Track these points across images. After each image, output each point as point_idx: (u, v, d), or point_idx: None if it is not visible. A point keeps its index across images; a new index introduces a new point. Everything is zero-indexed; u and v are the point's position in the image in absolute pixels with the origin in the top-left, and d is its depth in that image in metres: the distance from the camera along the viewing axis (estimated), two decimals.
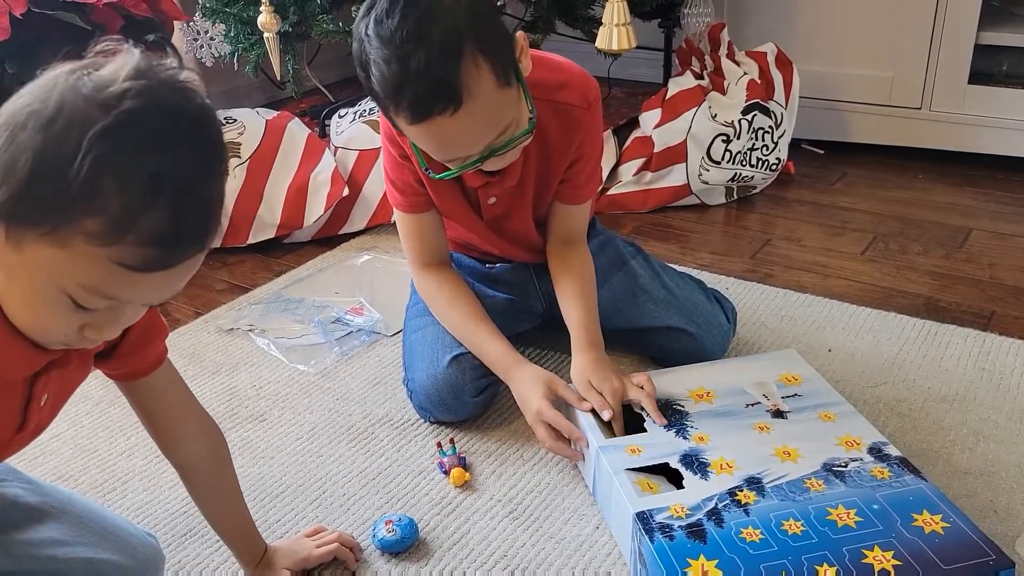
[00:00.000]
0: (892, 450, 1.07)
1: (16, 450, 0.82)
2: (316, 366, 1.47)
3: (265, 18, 1.94)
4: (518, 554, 1.07)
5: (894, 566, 0.90)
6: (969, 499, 1.12)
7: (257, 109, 2.13)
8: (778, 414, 1.15)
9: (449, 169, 1.11)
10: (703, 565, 0.92)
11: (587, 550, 1.07)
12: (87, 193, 0.60)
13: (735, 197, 2.10)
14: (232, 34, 2.12)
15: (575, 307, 1.27)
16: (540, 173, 1.26)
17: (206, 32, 2.25)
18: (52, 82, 0.62)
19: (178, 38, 2.17)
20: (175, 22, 1.93)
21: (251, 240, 1.92)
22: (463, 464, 1.21)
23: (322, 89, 2.53)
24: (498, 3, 2.07)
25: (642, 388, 1.17)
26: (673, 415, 1.16)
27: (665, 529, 0.96)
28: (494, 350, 1.25)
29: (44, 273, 0.64)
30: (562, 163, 1.25)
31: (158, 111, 0.62)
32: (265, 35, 1.96)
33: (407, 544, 1.08)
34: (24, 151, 0.60)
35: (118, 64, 0.63)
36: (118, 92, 0.61)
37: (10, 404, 0.75)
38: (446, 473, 1.20)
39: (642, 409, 1.17)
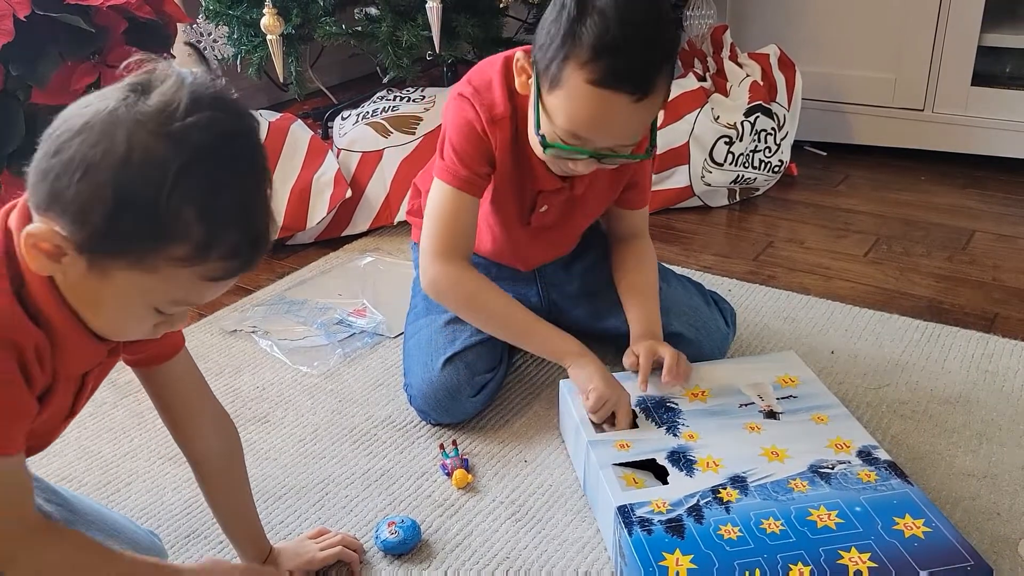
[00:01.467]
0: (882, 454, 1.07)
1: (57, 437, 0.87)
2: (319, 368, 1.48)
3: (268, 20, 1.94)
4: (520, 556, 1.07)
5: (869, 568, 0.90)
6: (972, 501, 1.12)
7: (260, 111, 2.14)
8: (771, 415, 1.15)
9: (564, 145, 1.09)
10: (678, 559, 0.92)
11: (589, 552, 1.07)
12: (171, 225, 0.66)
13: (738, 199, 2.10)
14: (235, 36, 2.13)
15: (633, 303, 1.30)
16: (603, 186, 1.28)
17: (209, 34, 2.26)
18: (111, 117, 0.65)
19: (181, 40, 2.17)
20: (178, 24, 1.94)
21: None
22: (466, 466, 1.21)
23: (325, 91, 2.53)
24: (500, 5, 2.07)
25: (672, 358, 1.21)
26: (666, 412, 1.16)
27: (644, 523, 0.97)
28: (562, 336, 1.23)
29: (135, 294, 0.70)
30: (625, 175, 1.29)
31: (224, 142, 0.67)
32: (268, 37, 1.97)
33: (410, 546, 1.08)
34: (103, 190, 0.64)
35: (169, 89, 0.66)
36: (184, 128, 0.65)
37: (67, 394, 0.80)
38: (449, 475, 1.20)
39: (637, 407, 1.18)
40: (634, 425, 1.16)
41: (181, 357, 0.91)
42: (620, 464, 1.08)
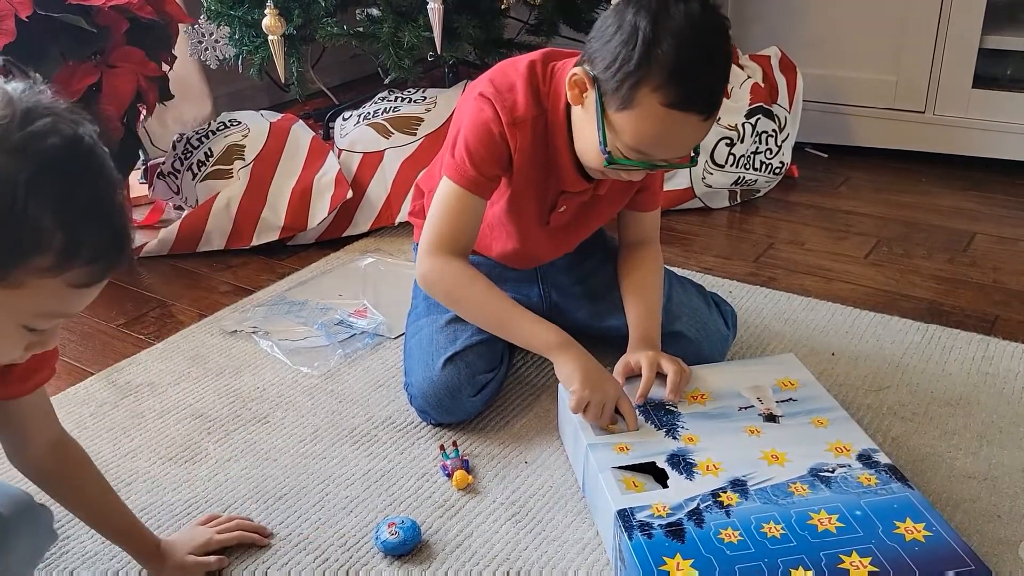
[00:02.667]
0: (882, 457, 1.07)
1: None
2: (319, 368, 1.48)
3: (270, 21, 1.94)
4: (520, 557, 1.07)
5: (870, 572, 0.90)
6: (972, 504, 1.12)
7: (261, 112, 2.14)
8: (770, 418, 1.15)
9: (628, 160, 1.12)
10: (678, 564, 0.92)
11: (589, 553, 1.07)
12: (31, 236, 0.65)
13: (739, 200, 2.10)
14: (237, 36, 2.13)
15: (633, 306, 1.30)
16: (620, 187, 1.29)
17: (211, 34, 2.26)
18: None
19: (182, 40, 2.17)
20: (180, 24, 1.94)
21: (255, 242, 1.92)
22: (466, 467, 1.21)
23: (326, 92, 2.53)
24: (502, 6, 2.07)
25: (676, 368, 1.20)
26: (665, 415, 1.16)
27: (645, 527, 0.97)
28: (542, 326, 1.22)
29: (1, 314, 0.69)
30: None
31: (67, 147, 0.66)
32: (270, 38, 1.97)
33: (410, 546, 1.08)
34: None
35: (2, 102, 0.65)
36: (24, 139, 0.64)
37: None
38: (449, 476, 1.20)
39: (636, 408, 1.18)
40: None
41: (35, 393, 0.90)
42: (619, 467, 1.08)
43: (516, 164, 1.22)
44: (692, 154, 1.16)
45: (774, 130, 2.07)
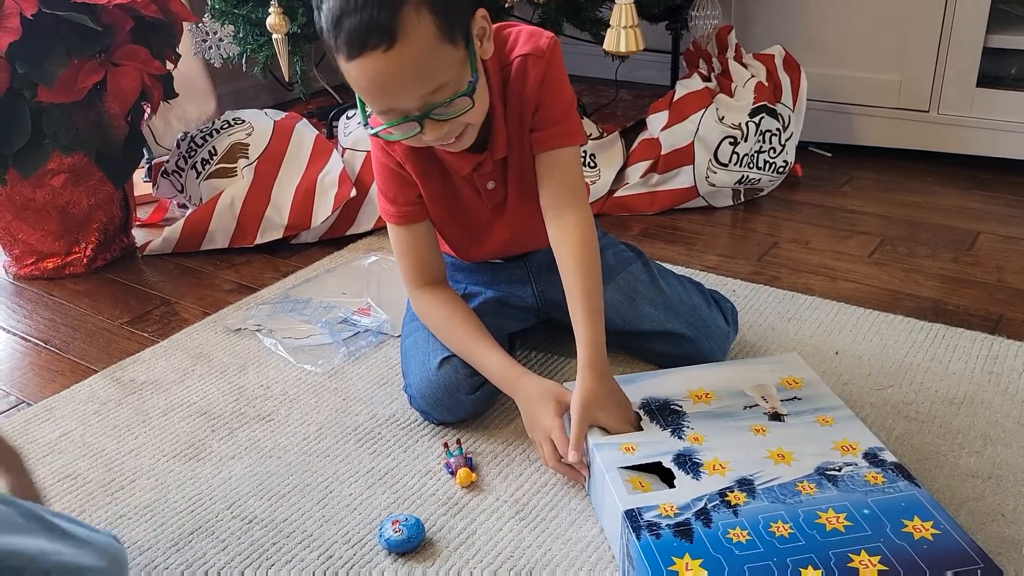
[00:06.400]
0: (888, 456, 1.07)
1: None
2: (323, 366, 1.48)
3: (274, 20, 1.94)
4: (524, 554, 1.07)
5: (879, 571, 0.90)
6: (977, 503, 1.12)
7: (265, 110, 2.14)
8: (775, 417, 1.15)
9: (383, 124, 1.09)
10: (687, 564, 0.92)
11: (593, 551, 1.07)
12: None
13: (742, 200, 2.10)
14: (241, 35, 2.13)
15: (576, 313, 1.19)
16: (526, 142, 1.22)
17: (215, 33, 2.26)
18: None
19: (187, 39, 2.18)
20: (184, 23, 1.94)
21: (259, 241, 1.92)
22: (470, 465, 1.21)
23: (330, 91, 2.54)
24: (505, 5, 2.07)
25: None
26: (670, 415, 1.16)
27: (653, 527, 0.97)
28: (496, 364, 1.24)
29: None
30: (527, 119, 1.21)
31: None
32: (274, 36, 1.97)
33: (413, 544, 1.08)
34: None
35: None
36: None
37: None
38: (453, 474, 1.20)
39: (640, 409, 1.17)
40: (639, 428, 1.15)
41: None
42: (625, 467, 1.07)
43: (411, 171, 1.22)
44: (468, 80, 1.07)
45: (778, 129, 2.07)
